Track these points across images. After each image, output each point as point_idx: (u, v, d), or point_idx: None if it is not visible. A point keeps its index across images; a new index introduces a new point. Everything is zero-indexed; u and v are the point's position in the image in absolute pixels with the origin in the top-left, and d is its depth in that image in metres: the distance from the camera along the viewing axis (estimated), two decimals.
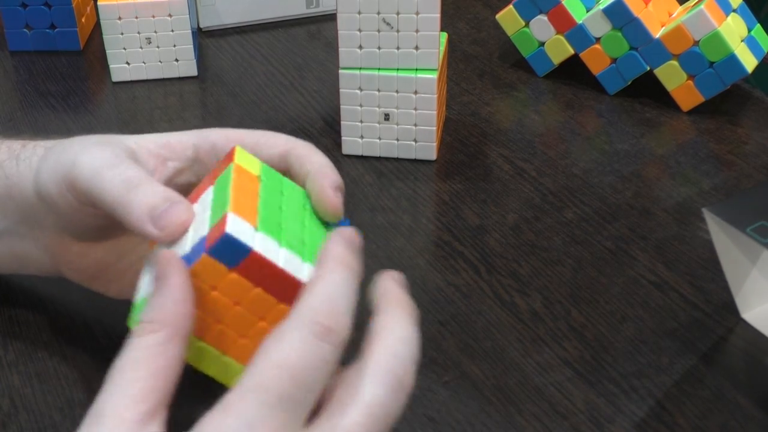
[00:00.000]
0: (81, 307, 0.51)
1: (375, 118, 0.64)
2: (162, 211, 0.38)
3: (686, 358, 0.48)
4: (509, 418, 0.45)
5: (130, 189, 0.39)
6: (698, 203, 0.60)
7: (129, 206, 0.39)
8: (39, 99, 0.74)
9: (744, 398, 0.46)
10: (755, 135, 0.67)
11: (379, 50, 0.61)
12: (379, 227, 0.58)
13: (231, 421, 0.32)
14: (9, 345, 0.49)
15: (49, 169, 0.43)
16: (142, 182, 0.39)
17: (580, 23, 0.71)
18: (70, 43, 0.80)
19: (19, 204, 0.45)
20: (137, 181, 0.39)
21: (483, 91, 0.73)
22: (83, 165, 0.41)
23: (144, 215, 0.38)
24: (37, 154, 0.45)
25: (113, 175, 0.40)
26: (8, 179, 0.45)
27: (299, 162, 0.43)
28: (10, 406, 0.46)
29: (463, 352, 0.49)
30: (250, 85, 0.75)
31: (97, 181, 0.40)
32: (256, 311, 0.37)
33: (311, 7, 0.85)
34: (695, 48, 0.68)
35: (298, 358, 0.33)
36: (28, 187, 0.44)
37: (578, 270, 0.55)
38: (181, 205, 0.38)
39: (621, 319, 0.51)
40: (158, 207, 0.38)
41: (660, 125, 0.69)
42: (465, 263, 0.55)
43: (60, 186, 0.42)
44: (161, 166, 0.44)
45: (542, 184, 0.62)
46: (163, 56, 0.75)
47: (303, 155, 0.43)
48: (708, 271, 0.54)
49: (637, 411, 0.45)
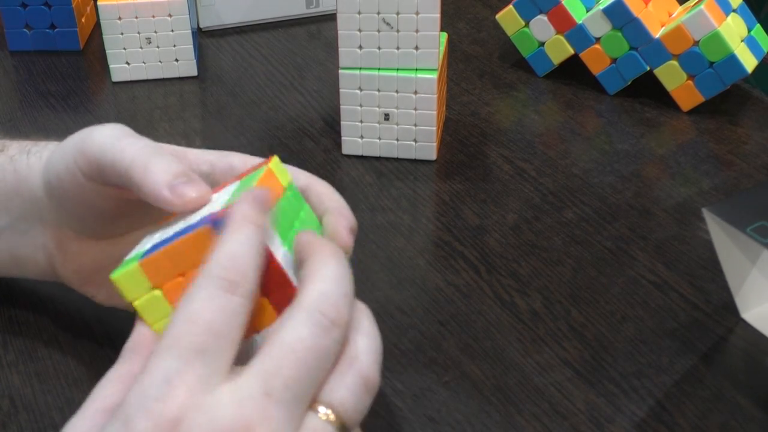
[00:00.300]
0: (81, 307, 0.51)
1: (375, 118, 0.64)
2: (181, 182, 0.39)
3: (686, 358, 0.48)
4: (509, 418, 0.45)
5: (152, 155, 0.39)
6: (698, 203, 0.60)
7: (148, 169, 0.39)
8: (39, 99, 0.74)
9: (744, 398, 0.46)
10: (755, 135, 0.67)
11: (379, 50, 0.61)
12: (379, 227, 0.59)
13: (150, 379, 0.32)
14: (9, 345, 0.49)
15: (60, 151, 0.43)
16: (165, 152, 0.40)
17: (580, 23, 0.71)
18: (70, 43, 0.80)
19: (25, 199, 0.46)
20: (159, 149, 0.40)
21: (483, 91, 0.73)
22: (98, 135, 0.41)
23: (162, 181, 0.39)
24: (48, 148, 0.45)
25: (131, 142, 0.40)
26: (17, 173, 0.46)
27: (319, 199, 0.43)
28: (10, 406, 0.46)
29: (463, 352, 0.49)
30: (250, 85, 0.75)
31: (114, 147, 0.40)
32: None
33: (311, 7, 0.85)
34: (695, 48, 0.68)
35: (207, 311, 0.33)
36: (36, 179, 0.45)
37: (578, 270, 0.55)
38: (201, 184, 0.39)
39: (621, 319, 0.51)
40: (178, 177, 0.39)
41: (660, 125, 0.69)
42: (465, 263, 0.55)
43: (70, 163, 0.42)
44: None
45: (542, 184, 0.62)
46: (163, 56, 0.75)
47: (323, 193, 0.43)
48: (708, 271, 0.54)
49: (637, 411, 0.45)
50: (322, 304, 0.34)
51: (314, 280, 0.35)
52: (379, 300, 0.52)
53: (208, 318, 0.33)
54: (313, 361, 0.33)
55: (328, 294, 0.35)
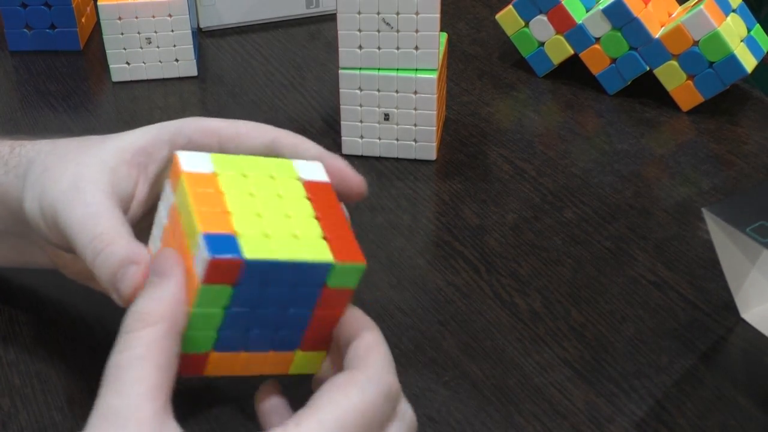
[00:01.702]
0: (81, 307, 0.51)
1: (375, 118, 0.64)
2: (119, 278, 0.39)
3: (686, 358, 0.48)
4: (509, 417, 0.45)
5: (95, 255, 0.39)
6: (698, 203, 0.60)
7: (96, 273, 0.40)
8: (39, 99, 0.74)
9: (743, 398, 0.46)
10: (755, 135, 0.67)
11: (379, 50, 0.61)
12: (379, 227, 0.59)
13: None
14: (9, 345, 0.49)
15: (35, 205, 0.43)
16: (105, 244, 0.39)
17: (579, 23, 0.72)
18: (70, 43, 0.80)
19: (12, 211, 0.45)
20: (102, 244, 0.39)
21: (483, 91, 0.74)
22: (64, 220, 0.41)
23: (108, 283, 0.39)
24: (22, 165, 0.45)
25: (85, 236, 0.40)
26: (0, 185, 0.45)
27: (293, 150, 0.43)
28: (10, 406, 0.46)
29: (462, 352, 0.49)
30: (250, 85, 0.75)
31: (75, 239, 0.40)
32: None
33: (311, 7, 0.85)
34: (695, 48, 0.68)
35: (373, 410, 0.35)
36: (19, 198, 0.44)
37: (578, 270, 0.55)
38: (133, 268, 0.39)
39: (621, 319, 0.51)
40: (117, 273, 0.39)
41: (660, 125, 0.69)
42: (465, 263, 0.55)
43: (48, 226, 0.42)
44: (142, 174, 0.44)
45: (542, 184, 0.62)
46: (163, 56, 0.75)
47: (296, 143, 0.43)
48: (708, 271, 0.54)
49: (637, 411, 0.45)
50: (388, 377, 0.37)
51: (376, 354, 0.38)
52: (379, 300, 0.52)
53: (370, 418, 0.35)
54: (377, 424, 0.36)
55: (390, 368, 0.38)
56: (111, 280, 0.39)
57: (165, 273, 0.36)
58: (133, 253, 0.39)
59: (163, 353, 0.35)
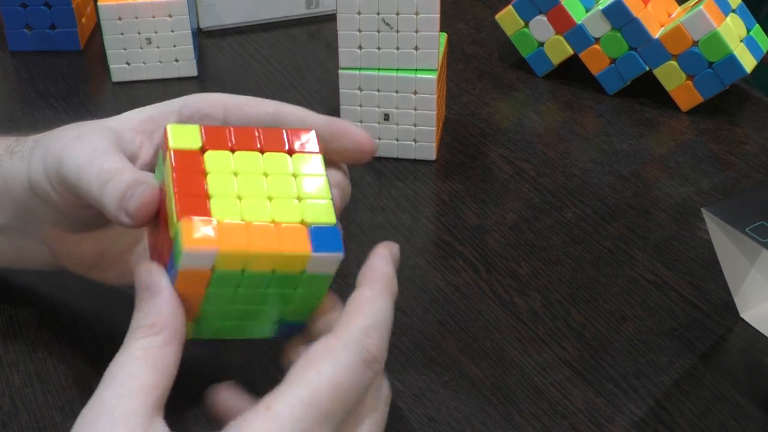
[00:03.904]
0: (81, 307, 0.51)
1: (375, 118, 0.64)
2: (128, 197, 0.39)
3: (685, 358, 0.48)
4: (508, 417, 0.45)
5: (103, 185, 0.40)
6: (697, 203, 0.60)
7: (104, 203, 0.40)
8: (39, 99, 0.74)
9: (743, 398, 0.46)
10: (754, 135, 0.67)
11: (379, 50, 0.61)
12: (378, 227, 0.59)
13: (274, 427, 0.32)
14: (9, 345, 0.49)
15: (38, 167, 0.43)
16: (113, 174, 0.40)
17: (579, 23, 0.72)
18: (70, 44, 0.80)
19: (15, 199, 0.46)
20: (109, 175, 0.40)
21: (483, 91, 0.74)
22: (68, 164, 0.41)
23: (117, 208, 0.39)
24: (29, 148, 0.45)
25: (91, 172, 0.40)
26: (4, 173, 0.46)
27: (298, 121, 0.44)
28: (10, 406, 0.46)
29: (462, 352, 0.49)
30: (250, 85, 0.75)
31: (81, 179, 0.41)
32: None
33: (311, 7, 0.86)
34: (694, 48, 0.68)
35: (349, 381, 0.34)
36: (23, 180, 0.45)
37: (577, 270, 0.55)
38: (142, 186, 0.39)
39: (620, 319, 0.51)
40: (125, 194, 0.39)
41: (659, 125, 0.69)
42: (464, 263, 0.55)
43: (52, 182, 0.43)
44: (147, 140, 0.44)
45: (541, 184, 0.62)
46: (163, 56, 0.75)
47: (299, 114, 0.44)
48: (707, 271, 0.54)
49: (637, 411, 0.45)
50: (367, 342, 0.36)
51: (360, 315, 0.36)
52: None
53: (348, 388, 0.34)
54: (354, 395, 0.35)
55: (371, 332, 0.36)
56: (119, 204, 0.39)
57: (151, 285, 0.37)
58: (141, 177, 0.40)
59: (161, 359, 0.35)
